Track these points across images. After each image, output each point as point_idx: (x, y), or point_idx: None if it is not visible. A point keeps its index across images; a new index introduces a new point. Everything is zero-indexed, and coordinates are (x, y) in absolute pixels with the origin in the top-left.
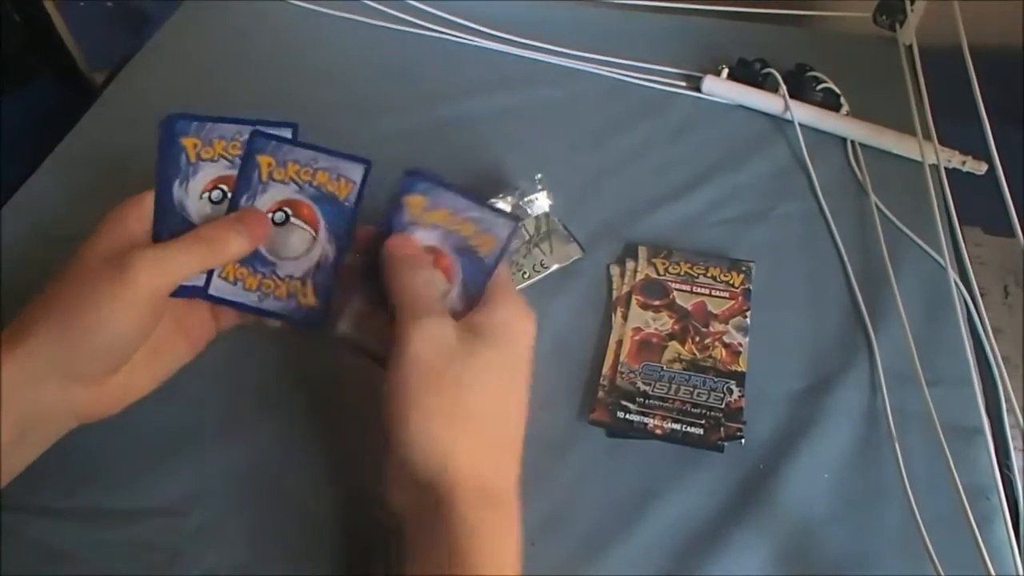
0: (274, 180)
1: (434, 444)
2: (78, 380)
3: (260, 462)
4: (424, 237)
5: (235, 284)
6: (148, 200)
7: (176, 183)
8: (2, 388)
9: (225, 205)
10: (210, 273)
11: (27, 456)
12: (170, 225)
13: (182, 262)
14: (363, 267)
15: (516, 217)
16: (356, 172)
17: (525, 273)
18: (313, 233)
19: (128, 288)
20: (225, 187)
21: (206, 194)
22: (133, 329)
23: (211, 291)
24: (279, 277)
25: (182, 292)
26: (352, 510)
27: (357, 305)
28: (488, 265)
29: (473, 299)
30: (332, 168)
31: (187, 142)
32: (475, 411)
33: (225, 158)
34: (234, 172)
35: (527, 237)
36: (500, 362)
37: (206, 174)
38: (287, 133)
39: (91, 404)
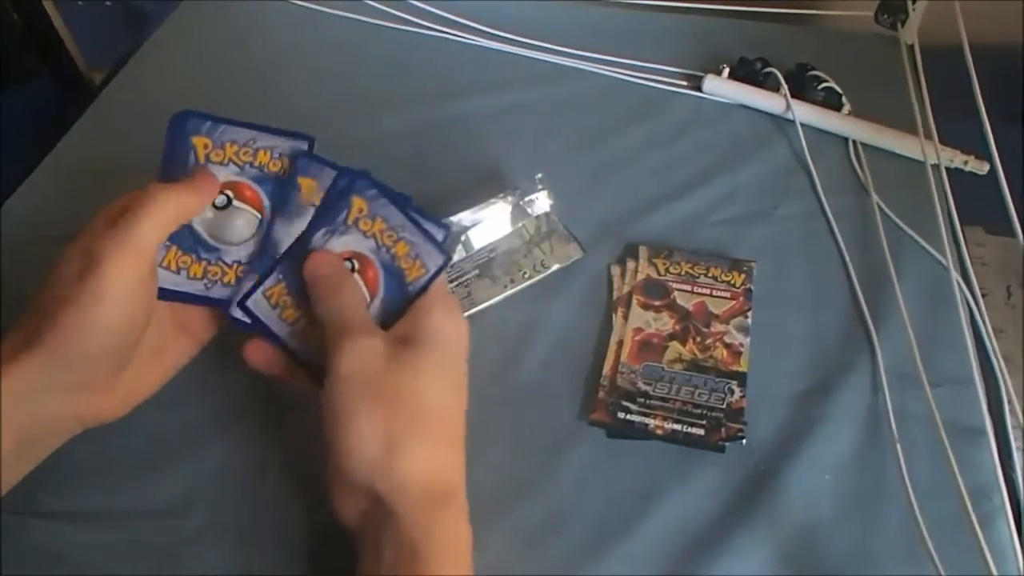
0: (212, 162)
1: (377, 454)
2: (82, 389)
3: (259, 462)
4: (353, 243)
5: (178, 273)
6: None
7: None
8: (2, 402)
9: (230, 213)
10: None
11: (28, 464)
12: None
13: (149, 232)
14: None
15: (447, 253)
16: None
17: (525, 273)
18: (258, 215)
19: (98, 278)
20: (231, 193)
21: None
22: (119, 324)
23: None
24: (225, 264)
25: None
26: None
27: (269, 286)
28: (410, 292)
29: (391, 315)
30: (272, 147)
31: (198, 141)
32: (415, 416)
33: (235, 163)
34: (243, 179)
35: (527, 237)
36: (436, 366)
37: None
38: (305, 148)
39: (97, 409)
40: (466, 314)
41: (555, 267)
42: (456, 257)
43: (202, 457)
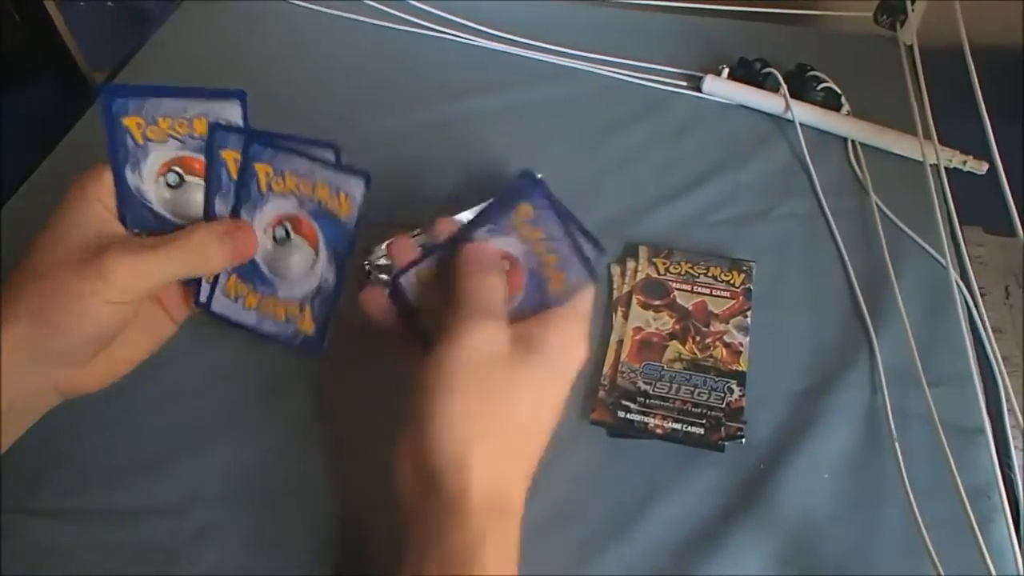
0: (273, 192)
1: (460, 442)
2: (57, 365)
3: (260, 463)
4: (510, 245)
5: (236, 301)
6: (107, 176)
7: (127, 168)
8: None
9: (186, 189)
10: (213, 286)
11: (13, 432)
12: (134, 212)
13: (163, 269)
14: (439, 258)
15: (594, 275)
16: (357, 188)
17: None
18: (314, 253)
19: (108, 290)
20: (180, 169)
21: (161, 178)
22: (111, 324)
23: (213, 307)
24: (279, 299)
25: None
26: (350, 510)
27: (423, 267)
28: (547, 301)
29: (522, 319)
30: (331, 182)
31: (130, 122)
32: (509, 420)
33: (175, 138)
34: (187, 153)
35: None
36: (545, 380)
37: (157, 156)
38: (237, 108)
39: (75, 382)
40: None
41: None
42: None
43: (203, 457)
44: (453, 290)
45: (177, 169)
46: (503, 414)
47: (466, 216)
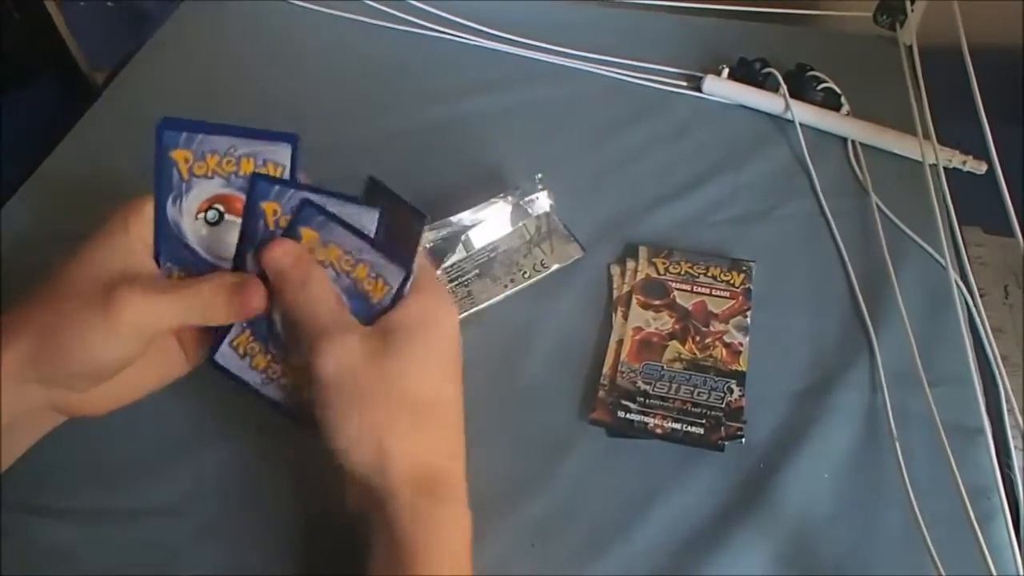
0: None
1: (368, 450)
2: (60, 388)
3: (260, 462)
4: None
5: (243, 359)
6: (148, 209)
7: (169, 201)
8: None
9: (224, 227)
10: (220, 338)
11: (16, 449)
12: (169, 246)
13: (169, 314)
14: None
15: (408, 266)
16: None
17: (526, 273)
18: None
19: (112, 325)
20: (221, 207)
21: (201, 215)
22: (116, 358)
23: (216, 358)
24: (288, 364)
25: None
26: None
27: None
28: (378, 311)
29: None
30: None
31: (178, 155)
32: (401, 407)
33: (220, 175)
34: (230, 191)
35: (528, 237)
36: (420, 352)
37: (200, 192)
38: (287, 151)
39: (80, 406)
40: (466, 313)
41: (555, 267)
42: (456, 257)
43: (202, 457)
44: (288, 320)
45: (218, 206)
46: (391, 406)
47: (466, 217)
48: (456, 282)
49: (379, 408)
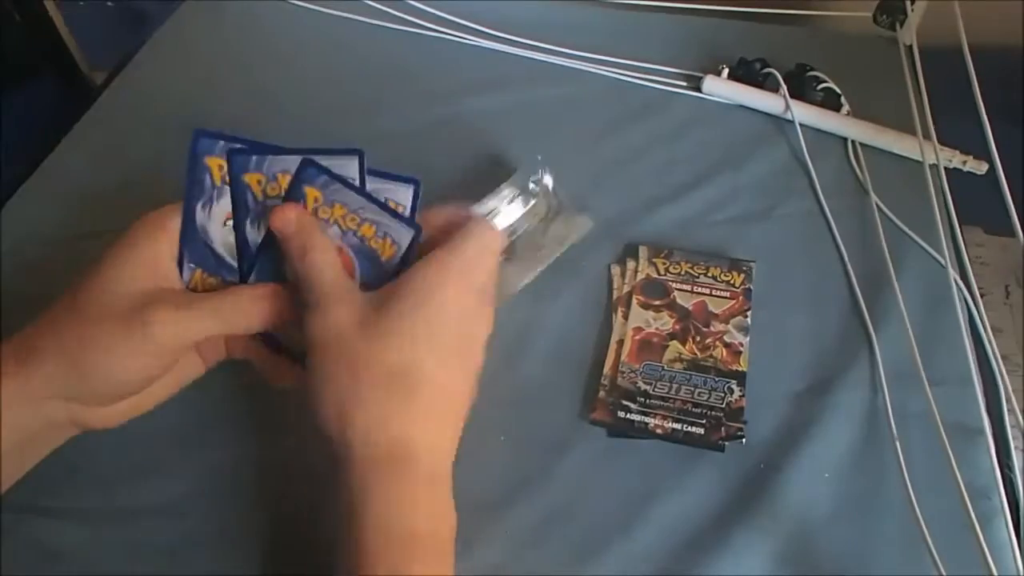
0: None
1: (332, 414)
2: (82, 404)
3: (260, 462)
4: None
5: None
6: (176, 220)
7: (199, 205)
8: (2, 403)
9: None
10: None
11: (26, 464)
12: (195, 248)
13: (201, 327)
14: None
15: (415, 226)
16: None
17: (549, 250)
18: None
19: (146, 344)
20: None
21: (229, 222)
22: (146, 376)
23: None
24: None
25: None
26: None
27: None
28: (389, 268)
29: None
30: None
31: (212, 162)
32: (380, 377)
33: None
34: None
35: (542, 215)
36: (412, 327)
37: (229, 202)
38: (352, 164)
39: (95, 419)
40: (505, 301)
41: (574, 239)
42: None
43: (202, 457)
44: (288, 271)
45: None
46: (366, 378)
47: (477, 208)
48: None
49: (351, 374)
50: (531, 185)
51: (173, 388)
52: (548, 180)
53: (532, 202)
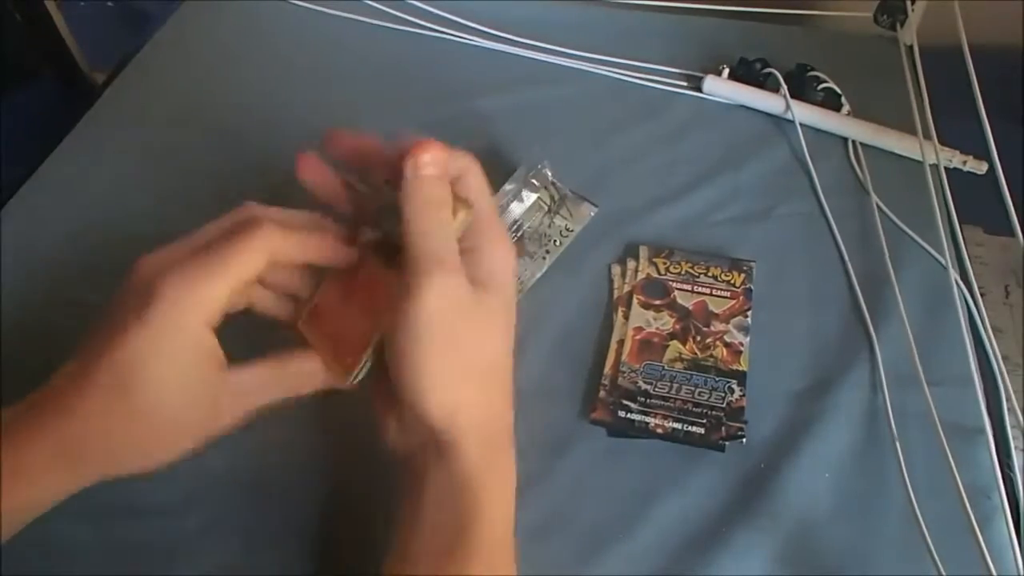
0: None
1: (445, 397)
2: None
3: (259, 463)
4: None
5: None
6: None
7: None
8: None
9: None
10: None
11: (48, 505)
12: None
13: (263, 396)
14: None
15: None
16: None
17: (556, 241)
18: None
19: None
20: None
21: None
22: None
23: None
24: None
25: None
26: (348, 511)
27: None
28: None
29: None
30: None
31: None
32: (482, 363)
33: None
34: None
35: (546, 207)
36: (499, 312)
37: None
38: None
39: (119, 469)
40: (520, 295)
41: (579, 229)
42: None
43: (203, 457)
44: (405, 231)
45: None
46: (476, 358)
47: (509, 188)
48: None
49: (464, 357)
50: (532, 180)
51: (199, 441)
52: (548, 172)
53: (535, 196)
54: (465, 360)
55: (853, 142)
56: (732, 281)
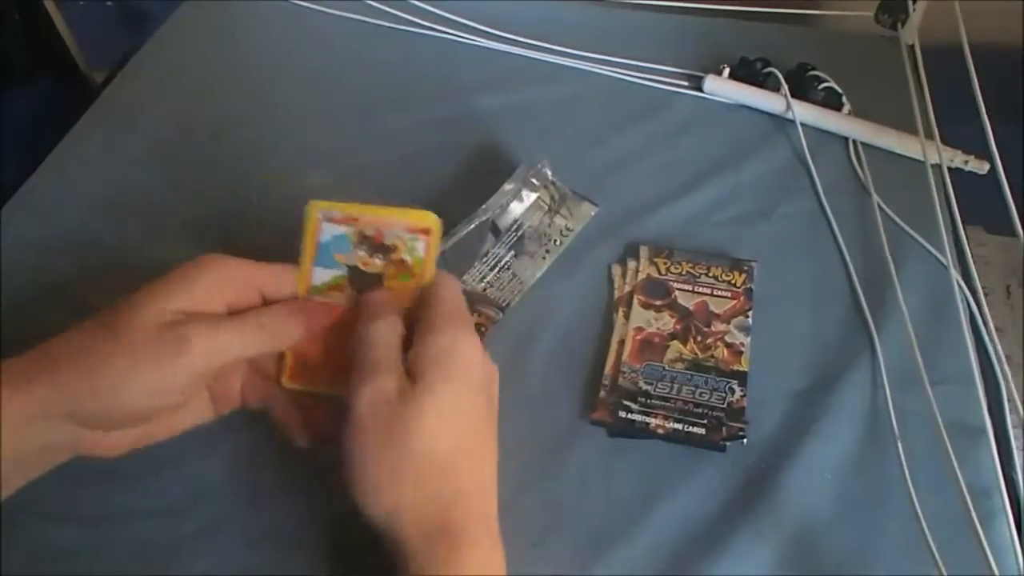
0: None
1: (380, 499)
2: (91, 428)
3: (260, 463)
4: None
5: None
6: (218, 263)
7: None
8: (2, 421)
9: None
10: None
11: (19, 482)
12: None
13: (240, 344)
14: None
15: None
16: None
17: (556, 241)
18: None
19: (179, 359)
20: None
21: None
22: (165, 400)
23: None
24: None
25: None
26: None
27: None
28: None
29: None
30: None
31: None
32: (418, 460)
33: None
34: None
35: (546, 207)
36: (441, 402)
37: None
38: None
39: (95, 447)
40: (519, 296)
41: (578, 228)
42: (488, 245)
43: (203, 457)
44: (351, 348)
45: None
46: (408, 456)
47: (483, 208)
48: (497, 269)
49: (394, 457)
50: (532, 179)
51: (177, 428)
52: (548, 171)
53: (535, 195)
54: (395, 461)
55: (854, 142)
56: (733, 281)
